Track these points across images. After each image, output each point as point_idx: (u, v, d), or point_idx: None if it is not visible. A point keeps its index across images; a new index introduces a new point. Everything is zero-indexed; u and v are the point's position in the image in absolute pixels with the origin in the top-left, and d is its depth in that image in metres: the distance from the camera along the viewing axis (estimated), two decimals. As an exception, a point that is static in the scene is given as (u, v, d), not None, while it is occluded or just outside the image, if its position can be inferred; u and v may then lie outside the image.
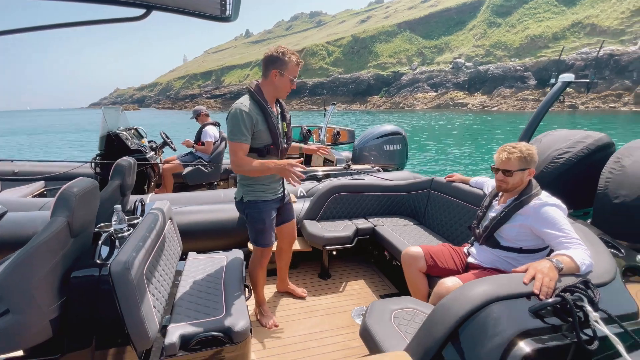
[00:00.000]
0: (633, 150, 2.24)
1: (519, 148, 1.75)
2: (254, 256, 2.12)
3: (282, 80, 1.82)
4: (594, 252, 1.49)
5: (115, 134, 3.74)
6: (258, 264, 2.11)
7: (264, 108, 1.81)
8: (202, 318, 1.57)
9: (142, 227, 1.59)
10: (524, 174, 1.75)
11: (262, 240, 2.03)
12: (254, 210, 1.96)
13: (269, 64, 1.80)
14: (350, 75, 61.84)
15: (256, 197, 1.94)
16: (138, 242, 1.44)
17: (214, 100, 77.80)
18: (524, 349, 1.08)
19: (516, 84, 43.18)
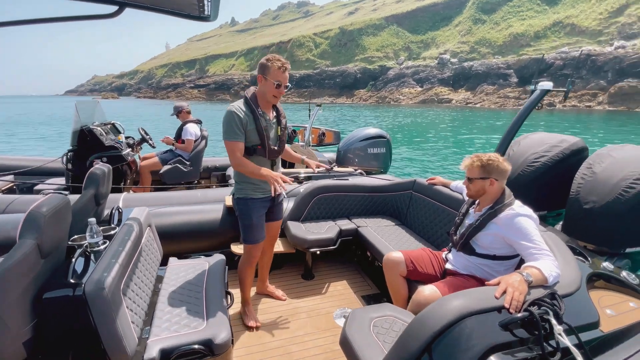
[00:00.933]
0: (604, 158, 2.35)
1: (481, 157, 1.83)
2: (243, 254, 2.20)
3: (266, 84, 1.94)
4: (561, 261, 1.56)
5: (88, 129, 3.58)
6: (247, 262, 2.19)
7: (253, 110, 1.95)
8: (183, 330, 1.55)
9: (118, 240, 1.55)
10: (485, 183, 1.81)
11: (250, 236, 2.11)
12: (242, 207, 2.08)
13: (258, 71, 1.96)
14: (338, 68, 61.54)
15: (245, 195, 2.07)
16: (113, 257, 1.41)
17: (198, 91, 76.06)
18: None
19: (498, 82, 44.04)
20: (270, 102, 2.02)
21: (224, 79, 76.41)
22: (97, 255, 1.46)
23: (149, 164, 4.24)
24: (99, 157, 3.56)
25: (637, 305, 1.63)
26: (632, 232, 2.15)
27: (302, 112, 31.25)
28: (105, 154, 3.61)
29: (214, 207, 2.89)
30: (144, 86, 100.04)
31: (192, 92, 76.04)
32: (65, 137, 16.02)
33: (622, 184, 2.12)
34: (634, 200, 2.07)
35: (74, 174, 3.47)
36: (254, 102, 1.97)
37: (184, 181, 4.35)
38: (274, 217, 2.30)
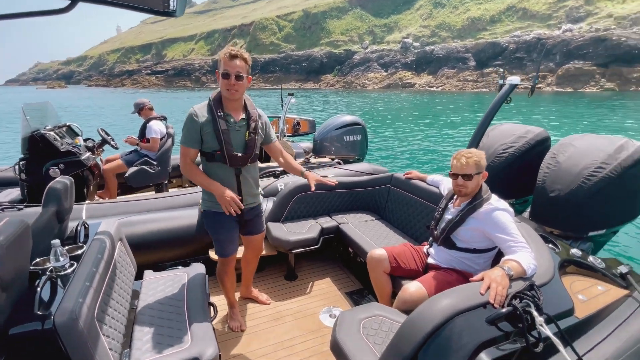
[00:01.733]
0: (566, 147, 2.50)
1: (474, 153, 1.87)
2: (218, 264, 2.12)
3: (219, 80, 1.78)
4: (536, 252, 1.65)
5: (40, 135, 3.22)
6: (221, 271, 2.13)
7: (212, 112, 1.80)
8: (166, 350, 1.46)
9: (88, 261, 1.43)
10: (479, 177, 1.88)
11: (219, 250, 2.03)
12: (207, 220, 1.99)
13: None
14: (303, 52, 60.56)
15: (209, 207, 1.94)
16: (84, 281, 1.29)
17: (156, 77, 71.84)
18: (483, 359, 1.20)
19: (458, 65, 45.58)
20: (230, 98, 1.80)
21: (184, 64, 72.67)
22: (65, 279, 1.33)
23: (112, 167, 3.96)
24: (56, 164, 3.26)
25: (605, 288, 1.79)
26: (594, 217, 2.32)
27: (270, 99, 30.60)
28: (62, 161, 3.31)
29: (188, 212, 2.77)
30: (94, 73, 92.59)
31: (149, 79, 71.70)
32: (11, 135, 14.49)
33: (584, 173, 2.27)
34: (595, 188, 2.22)
35: (29, 184, 3.17)
36: (216, 102, 1.82)
37: (152, 183, 4.12)
38: (253, 230, 2.15)
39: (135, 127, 4.49)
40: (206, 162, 1.88)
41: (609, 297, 1.74)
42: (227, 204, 1.76)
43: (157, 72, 73.21)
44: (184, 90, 55.57)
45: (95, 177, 3.78)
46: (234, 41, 75.70)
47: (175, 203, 3.07)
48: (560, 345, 1.23)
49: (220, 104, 1.83)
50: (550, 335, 1.24)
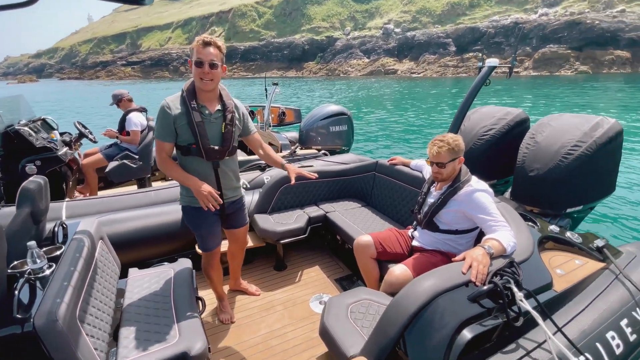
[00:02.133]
0: (544, 127, 2.56)
1: (447, 140, 1.89)
2: (202, 258, 2.10)
3: (192, 69, 1.71)
4: (516, 230, 1.72)
5: (14, 131, 3.11)
6: (206, 265, 2.12)
7: (186, 103, 1.73)
8: (154, 346, 1.45)
9: (66, 261, 1.40)
10: (455, 163, 1.92)
11: (202, 245, 2.02)
12: (187, 215, 1.95)
13: None
14: (284, 39, 59.39)
15: (188, 202, 1.89)
16: (63, 281, 1.27)
17: (132, 68, 69.19)
18: (466, 335, 1.25)
19: (439, 51, 45.76)
20: (204, 88, 1.74)
21: (160, 54, 70.15)
22: (44, 281, 1.31)
23: (92, 162, 3.84)
24: (32, 161, 3.15)
25: (582, 262, 1.88)
26: (571, 194, 2.41)
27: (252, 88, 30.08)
28: (39, 157, 3.20)
29: (172, 207, 2.74)
30: (67, 66, 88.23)
31: (125, 71, 69.01)
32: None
33: (561, 151, 2.34)
34: (572, 165, 2.30)
35: (5, 182, 3.06)
36: (189, 94, 1.74)
37: (134, 178, 4.02)
38: (235, 224, 2.13)
39: (112, 119, 4.35)
40: (182, 156, 1.81)
41: (586, 270, 1.82)
42: (205, 198, 1.70)
43: (132, 62, 70.44)
44: (162, 81, 53.92)
45: (73, 172, 3.68)
46: (212, 29, 73.52)
47: (159, 198, 3.02)
48: (539, 319, 1.29)
49: (194, 95, 1.75)
50: (530, 309, 1.30)
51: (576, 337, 1.48)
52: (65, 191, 3.47)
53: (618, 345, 1.55)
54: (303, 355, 1.98)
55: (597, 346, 1.50)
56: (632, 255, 2.03)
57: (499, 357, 1.33)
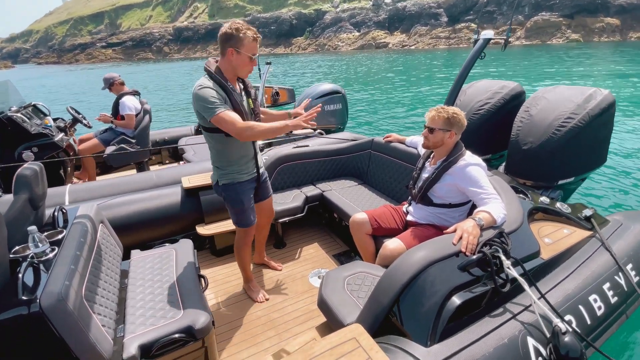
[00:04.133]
0: (539, 100, 2.58)
1: (447, 110, 1.94)
2: (237, 236, 2.18)
3: (239, 58, 1.76)
4: (506, 202, 1.79)
5: (7, 117, 3.08)
6: (242, 243, 2.17)
7: (224, 86, 1.77)
8: (160, 322, 1.52)
9: (70, 245, 1.44)
10: (445, 135, 1.95)
11: (243, 221, 2.07)
12: (231, 193, 1.99)
13: (224, 42, 1.75)
14: (271, 14, 57.33)
15: (232, 179, 1.96)
16: (68, 264, 1.30)
17: (113, 50, 66.59)
18: (455, 302, 1.35)
19: (430, 22, 44.80)
20: (241, 76, 1.87)
21: (142, 34, 67.42)
22: (47, 264, 1.33)
23: (88, 147, 3.82)
24: (28, 147, 3.14)
25: (570, 231, 1.97)
26: (564, 166, 2.45)
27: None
28: (35, 143, 3.18)
29: (171, 190, 2.79)
30: (43, 49, 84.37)
31: (105, 53, 66.40)
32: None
33: (554, 124, 2.36)
34: (565, 138, 2.33)
35: (2, 171, 3.07)
36: (222, 76, 1.78)
37: (133, 162, 4.04)
38: (263, 196, 2.25)
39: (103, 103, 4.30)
40: (224, 137, 1.82)
41: (573, 239, 1.92)
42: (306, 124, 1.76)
43: (113, 44, 67.63)
44: (147, 63, 52.13)
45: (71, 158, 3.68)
46: (194, 5, 70.51)
47: (161, 180, 3.07)
48: (525, 285, 1.38)
49: (225, 77, 1.80)
50: (517, 276, 1.38)
51: (560, 300, 1.58)
52: (65, 177, 3.48)
53: (600, 307, 1.67)
54: (303, 325, 2.09)
55: (579, 308, 1.61)
56: (618, 223, 2.12)
57: (487, 320, 1.42)
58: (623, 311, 1.79)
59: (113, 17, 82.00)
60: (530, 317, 1.45)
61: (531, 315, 1.45)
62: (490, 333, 1.37)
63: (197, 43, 61.83)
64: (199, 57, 57.16)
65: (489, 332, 1.37)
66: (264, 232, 2.50)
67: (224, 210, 2.79)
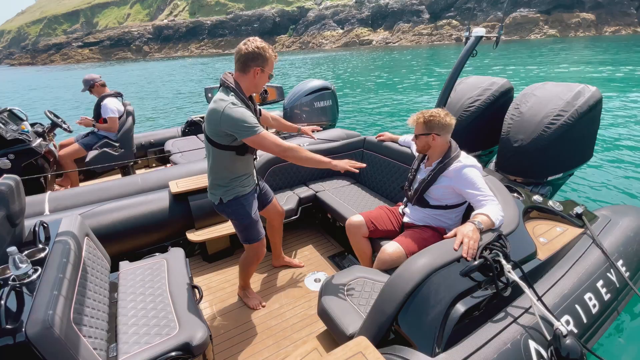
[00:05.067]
0: (528, 97, 2.61)
1: (424, 114, 1.95)
2: (247, 255, 2.09)
3: (262, 77, 1.80)
4: (502, 203, 1.79)
5: None
6: (253, 261, 2.10)
7: (248, 104, 1.79)
8: (155, 339, 1.45)
9: (54, 264, 1.34)
10: (427, 139, 1.96)
11: (253, 235, 2.00)
12: (238, 207, 1.93)
13: (250, 60, 1.74)
14: (253, 12, 56.75)
15: (236, 194, 1.91)
16: (52, 285, 1.22)
17: (89, 50, 64.52)
18: (459, 309, 1.33)
19: (412, 19, 45.28)
20: (256, 93, 1.92)
21: (120, 32, 65.60)
22: (31, 287, 1.24)
23: (70, 152, 3.66)
24: (4, 154, 2.98)
25: (563, 229, 2.00)
26: (553, 162, 2.49)
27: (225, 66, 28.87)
28: (11, 150, 3.02)
29: (158, 195, 2.69)
30: (16, 50, 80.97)
31: (82, 53, 64.28)
32: None
33: (545, 121, 2.40)
34: (555, 135, 2.37)
35: None
36: (243, 94, 1.77)
37: (117, 166, 3.89)
38: (268, 199, 2.26)
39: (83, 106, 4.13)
40: (236, 156, 1.81)
41: (567, 237, 1.93)
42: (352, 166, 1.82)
43: (90, 43, 65.51)
44: (126, 63, 50.80)
45: (51, 165, 3.51)
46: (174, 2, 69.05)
47: (146, 185, 2.96)
48: (526, 288, 1.38)
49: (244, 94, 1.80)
50: (517, 279, 1.38)
51: (557, 301, 1.59)
52: (45, 185, 3.33)
53: (594, 305, 1.69)
54: (302, 332, 2.05)
55: (576, 307, 1.62)
56: (606, 219, 2.16)
57: (489, 325, 1.42)
58: (615, 308, 1.81)
59: (89, 15, 79.48)
60: (531, 319, 1.45)
61: (531, 317, 1.45)
62: (493, 339, 1.36)
63: (178, 42, 60.62)
64: (180, 56, 56.13)
65: (492, 338, 1.36)
66: (277, 234, 2.50)
67: (214, 215, 2.72)
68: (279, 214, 2.39)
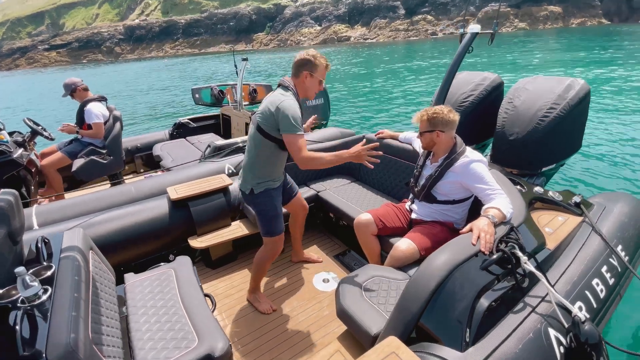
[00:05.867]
0: (521, 91, 2.68)
1: (427, 111, 1.99)
2: (265, 248, 2.13)
3: (312, 81, 1.95)
4: (509, 195, 1.83)
5: None
6: (271, 255, 2.15)
7: (300, 105, 1.94)
8: (175, 353, 1.41)
9: (64, 283, 1.28)
10: (432, 136, 1.99)
11: (275, 227, 2.07)
12: (265, 199, 2.03)
13: (300, 66, 1.92)
14: (229, 10, 55.73)
15: (266, 187, 2.02)
16: (69, 307, 1.17)
17: (57, 53, 61.72)
18: (483, 303, 1.35)
19: (389, 14, 45.72)
20: (309, 98, 2.05)
21: (89, 34, 63.04)
22: (42, 308, 1.18)
23: (53, 162, 3.46)
24: None
25: (564, 218, 2.07)
26: (547, 154, 2.57)
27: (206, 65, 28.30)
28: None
29: (156, 202, 2.61)
30: (-24, 54, 76.58)
31: (49, 56, 61.40)
32: None
33: (538, 114, 2.48)
34: (548, 127, 2.45)
35: None
36: (298, 96, 1.95)
37: (106, 174, 3.73)
38: (292, 193, 2.34)
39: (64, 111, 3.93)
40: (276, 150, 1.94)
41: (569, 226, 2.00)
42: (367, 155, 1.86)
43: (57, 46, 62.59)
44: (98, 65, 48.91)
45: (33, 175, 3.33)
46: (145, 1, 66.91)
47: (140, 194, 2.85)
48: (542, 277, 1.42)
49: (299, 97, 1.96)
50: (534, 270, 1.42)
51: (569, 288, 1.64)
52: (28, 197, 3.16)
53: (602, 290, 1.75)
54: (317, 334, 2.04)
55: (586, 293, 1.67)
56: (602, 206, 2.25)
57: (510, 317, 1.44)
58: (618, 292, 1.88)
59: (55, 16, 75.89)
60: (548, 308, 1.48)
61: (548, 306, 1.49)
62: (516, 330, 1.38)
63: (151, 42, 58.84)
64: (154, 56, 54.55)
65: (515, 329, 1.39)
66: (301, 228, 2.56)
67: (217, 220, 2.67)
68: (304, 208, 2.47)
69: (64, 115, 11.56)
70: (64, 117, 10.65)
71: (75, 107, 3.76)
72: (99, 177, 3.71)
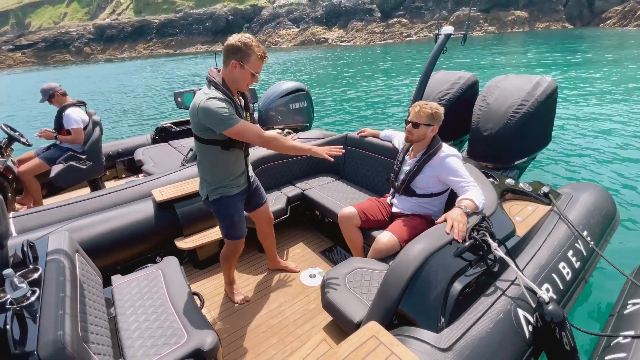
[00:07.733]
0: (493, 89, 2.85)
1: (430, 105, 2.09)
2: (226, 249, 2.14)
3: (242, 72, 1.73)
4: (482, 187, 1.97)
5: None
6: (231, 255, 2.17)
7: (230, 99, 1.73)
8: (164, 350, 1.45)
9: (51, 283, 1.31)
10: (428, 129, 2.10)
11: (233, 233, 2.05)
12: (220, 207, 1.97)
13: (230, 53, 1.71)
14: (204, 10, 54.66)
15: (221, 193, 1.93)
16: (57, 305, 1.20)
17: (22, 53, 58.44)
18: (457, 287, 1.48)
19: (365, 17, 46.34)
20: (241, 90, 1.85)
21: (57, 33, 60.11)
22: (31, 309, 1.21)
23: (31, 168, 3.39)
24: None
25: (533, 207, 2.24)
26: (519, 148, 2.74)
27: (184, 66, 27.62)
28: None
29: (142, 205, 2.63)
30: None
31: (14, 57, 58.01)
32: None
33: (509, 111, 2.65)
34: (519, 123, 2.62)
35: None
36: (227, 89, 1.73)
37: (86, 180, 3.66)
38: (257, 203, 2.22)
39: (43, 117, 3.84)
40: (221, 151, 1.79)
41: (538, 215, 2.17)
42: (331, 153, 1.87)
43: (22, 46, 59.24)
44: (66, 66, 46.75)
45: (10, 182, 3.25)
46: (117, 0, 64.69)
47: (121, 198, 2.85)
48: (511, 263, 1.56)
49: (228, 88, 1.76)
50: (503, 255, 1.56)
51: (537, 271, 1.79)
52: (6, 205, 3.07)
53: (568, 273, 1.91)
54: (304, 327, 2.11)
55: (553, 276, 1.83)
56: (569, 195, 2.43)
57: (482, 299, 1.57)
58: (583, 276, 2.04)
59: (20, 16, 72.00)
60: (517, 290, 1.63)
61: (517, 289, 1.63)
62: (487, 311, 1.52)
63: (123, 42, 56.87)
64: (127, 57, 52.79)
65: (487, 310, 1.52)
66: (269, 239, 2.48)
67: (203, 221, 2.70)
68: (268, 220, 2.37)
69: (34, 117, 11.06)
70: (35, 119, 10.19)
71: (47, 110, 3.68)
72: (78, 182, 3.65)
